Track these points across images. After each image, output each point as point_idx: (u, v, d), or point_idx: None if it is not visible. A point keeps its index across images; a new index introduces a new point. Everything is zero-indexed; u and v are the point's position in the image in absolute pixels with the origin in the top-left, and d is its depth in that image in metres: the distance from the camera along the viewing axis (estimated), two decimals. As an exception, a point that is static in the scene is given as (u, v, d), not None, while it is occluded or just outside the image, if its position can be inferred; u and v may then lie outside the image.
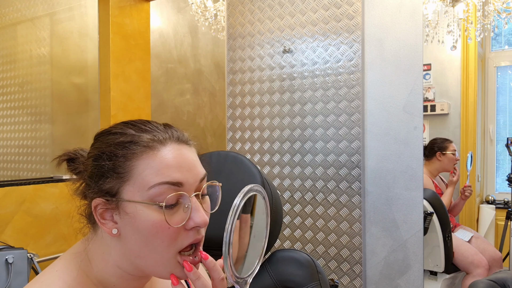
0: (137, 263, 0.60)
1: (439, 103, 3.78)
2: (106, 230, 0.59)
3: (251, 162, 1.24)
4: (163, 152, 0.58)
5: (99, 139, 0.62)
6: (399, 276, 1.71)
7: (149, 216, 0.57)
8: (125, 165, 0.58)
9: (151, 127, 0.61)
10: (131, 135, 0.60)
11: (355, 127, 1.67)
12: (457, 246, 2.23)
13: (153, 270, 0.60)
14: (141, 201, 0.57)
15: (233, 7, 1.98)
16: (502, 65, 3.38)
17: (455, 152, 2.76)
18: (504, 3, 2.24)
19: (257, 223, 0.67)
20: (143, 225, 0.57)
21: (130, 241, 0.59)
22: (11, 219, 1.76)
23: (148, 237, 0.57)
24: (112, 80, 2.15)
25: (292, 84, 1.82)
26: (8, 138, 2.13)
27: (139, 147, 0.58)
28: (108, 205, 0.59)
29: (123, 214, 0.58)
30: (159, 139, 0.59)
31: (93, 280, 0.62)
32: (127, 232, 0.59)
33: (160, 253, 0.58)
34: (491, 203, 3.30)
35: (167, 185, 0.57)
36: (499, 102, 3.37)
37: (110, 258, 0.62)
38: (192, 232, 0.59)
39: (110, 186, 0.58)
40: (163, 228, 0.57)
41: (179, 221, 0.57)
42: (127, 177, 0.58)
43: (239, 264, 0.63)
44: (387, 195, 1.62)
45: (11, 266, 1.47)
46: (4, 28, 2.11)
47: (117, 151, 0.59)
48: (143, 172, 0.57)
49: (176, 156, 0.59)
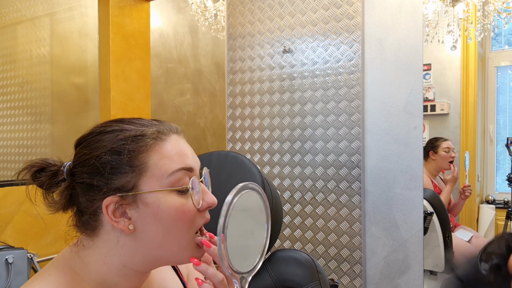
0: (155, 254, 0.61)
1: (439, 103, 3.78)
2: (121, 227, 0.59)
3: (251, 162, 1.24)
4: (170, 142, 0.62)
5: (92, 141, 0.61)
6: (399, 276, 1.71)
7: (172, 202, 0.59)
8: (138, 157, 0.59)
9: (147, 122, 0.64)
10: (136, 130, 0.61)
11: (355, 127, 1.67)
12: (457, 246, 2.23)
13: (173, 257, 0.62)
14: (162, 189, 0.59)
15: (233, 7, 1.98)
16: (502, 65, 3.38)
17: (447, 149, 2.76)
18: (504, 3, 2.24)
19: (254, 220, 0.67)
20: (167, 212, 0.59)
21: (150, 233, 0.60)
22: (11, 219, 1.76)
23: (171, 224, 0.59)
24: (112, 80, 2.15)
25: (292, 84, 1.82)
26: (8, 138, 2.13)
27: (149, 140, 0.60)
28: (122, 202, 0.59)
29: (142, 206, 0.59)
30: (162, 131, 0.63)
31: (91, 283, 0.61)
32: (145, 225, 0.59)
33: (182, 237, 0.61)
34: (491, 203, 3.30)
35: (183, 171, 0.61)
36: (499, 102, 3.37)
37: (115, 258, 0.61)
38: (203, 213, 0.63)
39: (126, 181, 0.59)
40: (185, 212, 0.60)
41: (197, 204, 0.61)
42: (143, 169, 0.59)
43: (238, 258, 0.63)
44: (387, 195, 1.62)
45: (11, 266, 1.47)
46: (4, 28, 2.11)
47: (125, 146, 0.59)
48: (160, 162, 0.60)
49: (182, 146, 0.63)
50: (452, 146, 2.90)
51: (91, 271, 0.61)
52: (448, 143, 2.88)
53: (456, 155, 2.85)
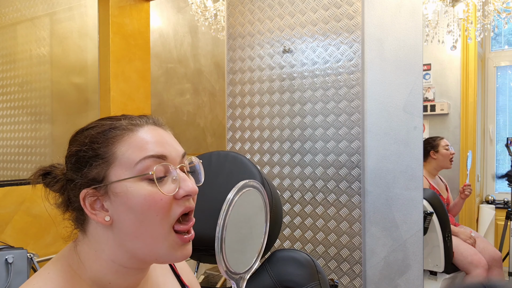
0: (134, 248, 0.61)
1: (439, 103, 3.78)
2: (99, 219, 0.60)
3: (251, 162, 1.24)
4: (141, 132, 0.62)
5: (75, 138, 0.64)
6: (399, 276, 1.71)
7: (140, 190, 0.58)
8: (107, 149, 0.60)
9: (126, 116, 0.65)
10: (109, 124, 0.62)
11: (355, 127, 1.67)
12: (456, 246, 2.23)
13: (152, 250, 0.61)
14: (130, 176, 0.59)
15: (233, 7, 1.98)
16: (502, 65, 3.38)
17: (447, 147, 2.76)
18: (504, 3, 2.24)
19: (254, 218, 0.67)
20: (136, 201, 0.58)
21: (125, 224, 0.60)
22: (11, 219, 1.76)
23: (143, 213, 0.58)
24: (112, 80, 2.15)
25: (292, 84, 1.82)
26: (8, 138, 2.13)
27: (118, 131, 0.61)
28: (96, 193, 0.60)
29: (113, 197, 0.59)
30: (136, 123, 0.63)
31: (87, 281, 0.62)
32: (120, 215, 0.59)
33: (156, 228, 0.59)
34: (491, 203, 3.30)
35: (152, 159, 0.59)
36: (499, 102, 3.37)
37: (104, 254, 0.62)
38: (182, 201, 0.61)
39: (96, 172, 0.60)
40: (156, 200, 0.58)
41: (170, 191, 0.59)
42: (112, 159, 0.59)
43: (235, 258, 0.63)
44: (387, 195, 1.62)
45: (11, 266, 1.47)
46: (4, 28, 2.11)
47: (97, 139, 0.61)
48: (127, 152, 0.59)
49: (155, 135, 0.62)
50: (449, 143, 2.90)
51: (87, 269, 0.62)
52: (446, 141, 2.89)
53: (454, 152, 2.86)
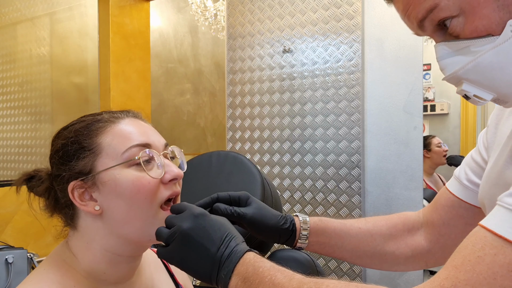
0: (126, 233, 0.63)
1: (439, 103, 3.78)
2: (89, 209, 0.62)
3: (251, 162, 1.24)
4: (123, 123, 0.65)
5: (59, 134, 0.66)
6: (399, 276, 1.71)
7: (128, 176, 0.61)
8: (92, 140, 0.63)
9: (108, 111, 0.68)
10: (91, 118, 0.65)
11: (355, 127, 1.67)
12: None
13: (142, 232, 0.63)
14: (115, 164, 0.61)
15: (233, 7, 1.98)
16: (502, 65, 3.37)
17: (440, 144, 2.76)
18: (504, 3, 2.24)
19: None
20: (124, 186, 0.61)
21: (115, 211, 0.62)
22: (11, 219, 1.76)
23: (131, 198, 0.61)
24: (112, 80, 2.15)
25: (292, 84, 1.82)
26: (8, 138, 2.13)
27: (101, 123, 0.64)
28: (84, 185, 0.62)
29: (101, 186, 0.61)
30: (117, 116, 0.67)
31: (82, 273, 0.64)
32: (109, 203, 0.62)
33: (145, 210, 0.62)
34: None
35: (137, 147, 0.63)
36: (499, 102, 3.36)
37: (96, 244, 0.64)
38: (169, 185, 0.65)
39: (83, 164, 0.62)
40: (144, 184, 0.61)
41: (157, 176, 0.63)
42: (98, 150, 0.62)
43: None
44: (387, 195, 1.62)
45: (11, 266, 1.47)
46: (4, 28, 2.11)
47: (81, 132, 0.63)
48: (112, 142, 0.62)
49: (137, 126, 0.66)
50: (441, 140, 2.90)
51: (80, 261, 0.64)
52: (437, 138, 2.90)
53: (447, 149, 2.87)
